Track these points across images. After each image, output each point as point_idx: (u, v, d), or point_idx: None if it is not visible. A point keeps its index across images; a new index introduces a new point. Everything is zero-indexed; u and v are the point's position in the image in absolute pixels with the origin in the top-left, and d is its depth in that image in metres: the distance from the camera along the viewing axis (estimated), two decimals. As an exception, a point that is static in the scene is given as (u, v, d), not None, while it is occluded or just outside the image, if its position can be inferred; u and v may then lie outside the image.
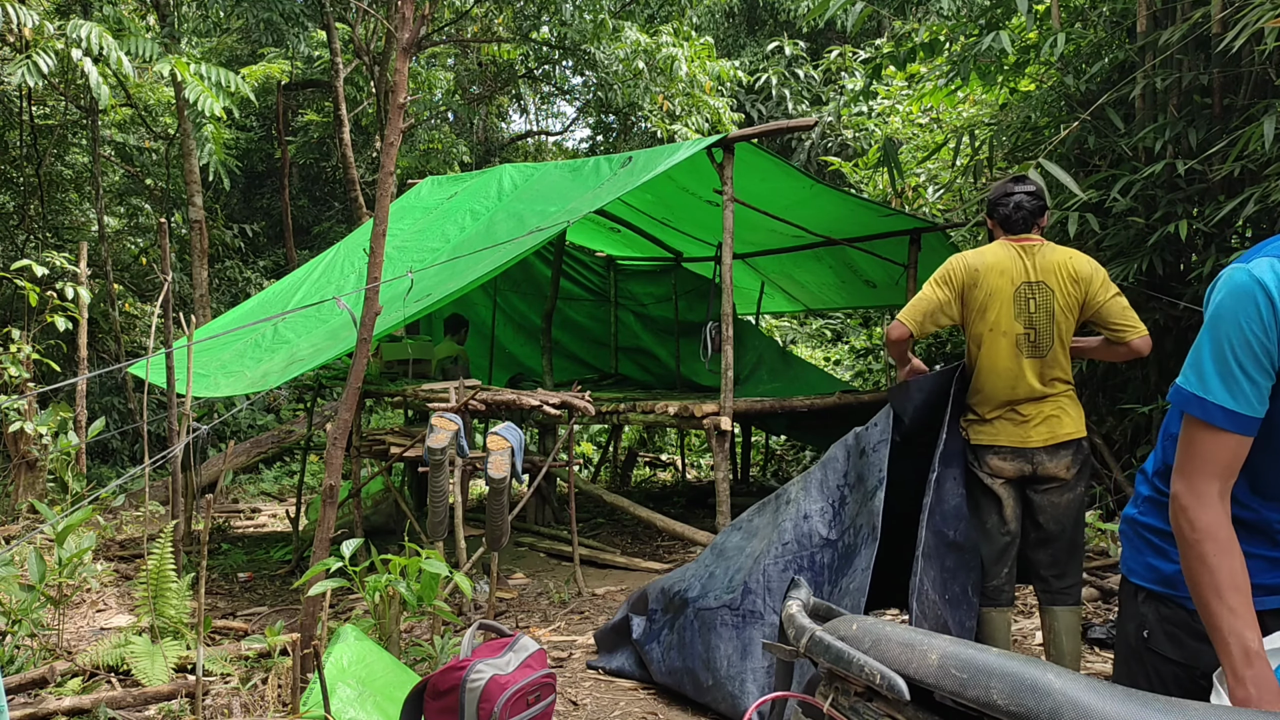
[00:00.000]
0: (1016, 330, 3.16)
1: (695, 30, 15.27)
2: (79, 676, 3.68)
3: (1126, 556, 1.86)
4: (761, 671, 3.31)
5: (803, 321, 13.22)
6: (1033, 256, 3.21)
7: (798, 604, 1.50)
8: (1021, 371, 3.16)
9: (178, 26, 10.86)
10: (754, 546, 3.64)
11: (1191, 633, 1.68)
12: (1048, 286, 3.17)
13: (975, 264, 3.21)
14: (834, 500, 3.49)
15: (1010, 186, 3.33)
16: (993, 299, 3.17)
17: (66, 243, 12.41)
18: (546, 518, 7.12)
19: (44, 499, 7.03)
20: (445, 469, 4.23)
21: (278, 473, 10.86)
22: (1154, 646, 1.74)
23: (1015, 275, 3.18)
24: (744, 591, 3.50)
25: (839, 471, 3.51)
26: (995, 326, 3.17)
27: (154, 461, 4.06)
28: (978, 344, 3.22)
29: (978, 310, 3.20)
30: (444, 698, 2.50)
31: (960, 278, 3.22)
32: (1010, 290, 3.17)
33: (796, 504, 3.56)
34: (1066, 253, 3.25)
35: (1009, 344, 3.16)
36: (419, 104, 15.90)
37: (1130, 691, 1.15)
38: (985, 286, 3.18)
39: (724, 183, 5.55)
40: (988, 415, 3.22)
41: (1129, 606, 1.83)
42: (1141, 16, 5.06)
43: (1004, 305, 3.17)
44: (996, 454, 3.19)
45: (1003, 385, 3.18)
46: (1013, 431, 3.17)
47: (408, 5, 3.47)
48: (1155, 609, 1.76)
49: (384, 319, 5.06)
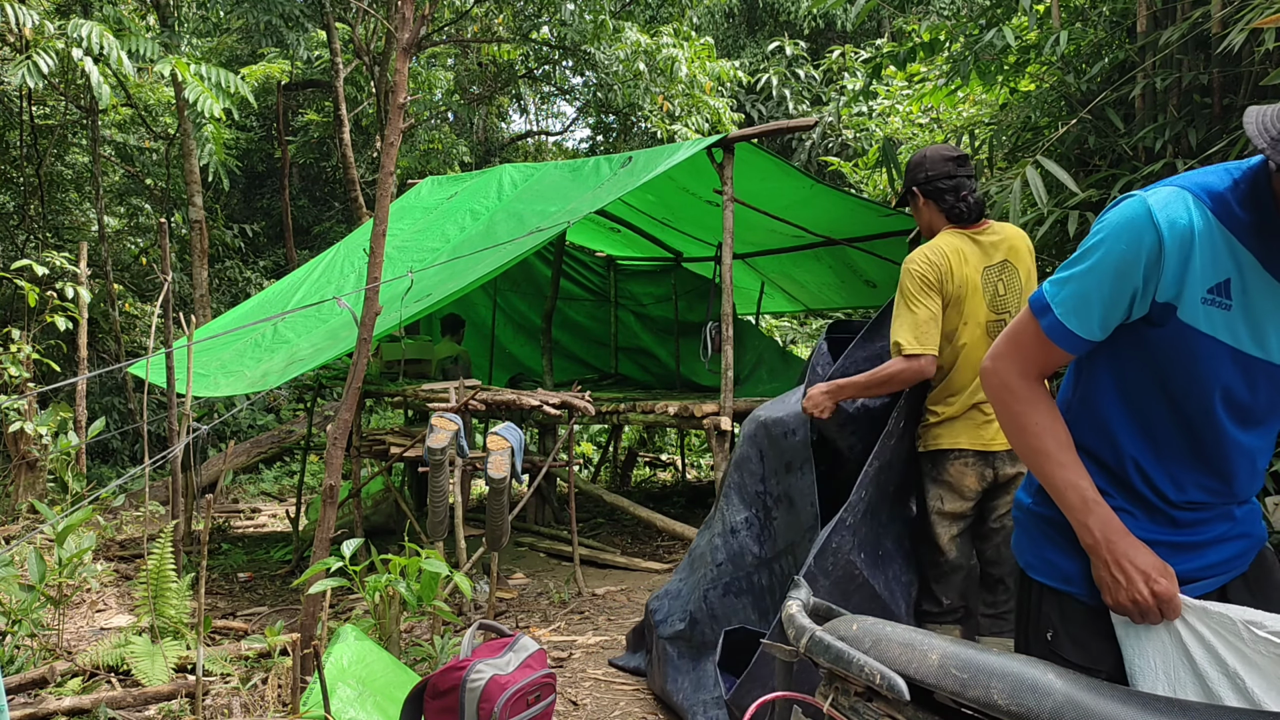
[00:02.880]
0: (989, 318, 2.93)
1: (695, 31, 15.27)
2: (79, 676, 3.68)
3: (1023, 548, 1.74)
4: (712, 703, 3.19)
5: (803, 321, 13.22)
6: (987, 237, 2.98)
7: (798, 604, 1.50)
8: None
9: (178, 27, 10.85)
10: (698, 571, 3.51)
11: (1096, 632, 1.60)
12: (1010, 265, 2.96)
13: (938, 260, 2.92)
14: (759, 510, 3.33)
15: (952, 167, 2.99)
16: (965, 289, 2.92)
17: (66, 243, 12.41)
18: (546, 518, 7.12)
19: (44, 499, 7.03)
20: (445, 469, 4.23)
21: (278, 473, 10.86)
22: (1058, 650, 1.63)
23: (977, 261, 2.94)
24: (691, 622, 3.41)
25: (756, 475, 3.34)
26: (971, 318, 2.92)
27: (154, 461, 4.06)
28: (949, 339, 2.94)
29: (953, 304, 2.93)
30: (444, 697, 2.50)
31: (935, 276, 2.91)
32: (978, 278, 2.93)
33: (723, 516, 3.41)
34: (1012, 228, 3.05)
35: (981, 334, 2.92)
36: (419, 104, 15.90)
37: (1130, 692, 1.15)
38: (956, 278, 2.91)
39: (724, 183, 5.55)
40: (949, 415, 2.94)
41: (1029, 606, 1.72)
42: (1141, 16, 5.06)
43: (976, 294, 2.92)
44: (959, 458, 2.91)
45: (972, 380, 2.91)
46: (975, 433, 2.90)
47: (408, 5, 3.47)
48: (1058, 608, 1.66)
49: (384, 319, 5.06)
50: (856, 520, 2.90)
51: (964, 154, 3.07)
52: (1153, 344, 1.52)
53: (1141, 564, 1.51)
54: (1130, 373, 1.58)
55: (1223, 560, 1.63)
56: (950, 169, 2.99)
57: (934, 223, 3.06)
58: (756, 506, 3.35)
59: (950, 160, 3.02)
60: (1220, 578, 1.63)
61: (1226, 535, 1.63)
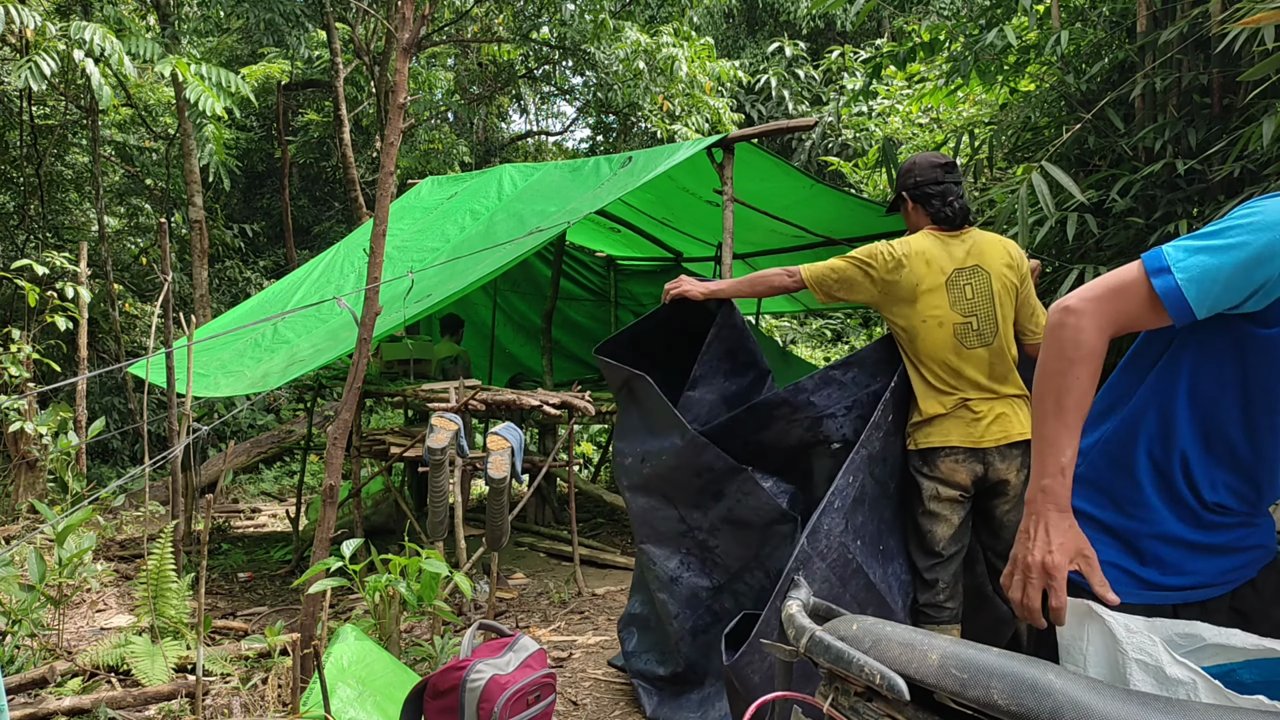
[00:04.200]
0: (956, 320, 2.96)
1: (695, 31, 15.27)
2: (79, 676, 3.68)
3: None
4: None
5: (803, 321, 13.23)
6: (961, 242, 3.03)
7: (798, 604, 1.50)
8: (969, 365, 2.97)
9: (178, 26, 10.85)
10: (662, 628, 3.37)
11: None
12: (981, 269, 3.00)
13: (898, 253, 2.98)
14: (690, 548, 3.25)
15: (939, 173, 3.08)
16: (920, 289, 2.96)
17: (66, 243, 12.42)
18: (546, 518, 7.12)
19: (44, 499, 7.03)
20: (445, 469, 4.23)
21: (278, 473, 10.86)
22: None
23: (945, 263, 2.99)
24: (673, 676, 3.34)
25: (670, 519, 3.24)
26: (932, 318, 2.96)
27: (154, 462, 4.06)
28: (911, 338, 3.00)
29: (905, 300, 2.98)
30: (444, 697, 2.50)
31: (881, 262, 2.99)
32: (942, 280, 2.97)
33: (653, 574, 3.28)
34: (988, 235, 3.10)
35: (949, 337, 2.96)
36: (419, 104, 15.90)
37: (1130, 691, 1.15)
38: (911, 275, 2.97)
39: (724, 183, 5.55)
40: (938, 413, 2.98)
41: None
42: (1141, 16, 5.06)
43: (936, 294, 2.96)
44: (949, 455, 2.95)
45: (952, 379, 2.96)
46: (965, 431, 2.94)
47: (408, 5, 3.47)
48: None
49: (384, 319, 5.06)
50: (847, 505, 2.88)
51: (952, 161, 3.16)
52: (1252, 344, 1.53)
53: (1059, 536, 1.55)
54: (1210, 368, 1.59)
55: (1236, 567, 1.66)
56: (938, 175, 3.08)
57: (921, 225, 3.14)
58: (686, 546, 3.26)
59: (938, 167, 3.11)
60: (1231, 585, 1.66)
61: (1242, 543, 1.65)
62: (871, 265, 3.01)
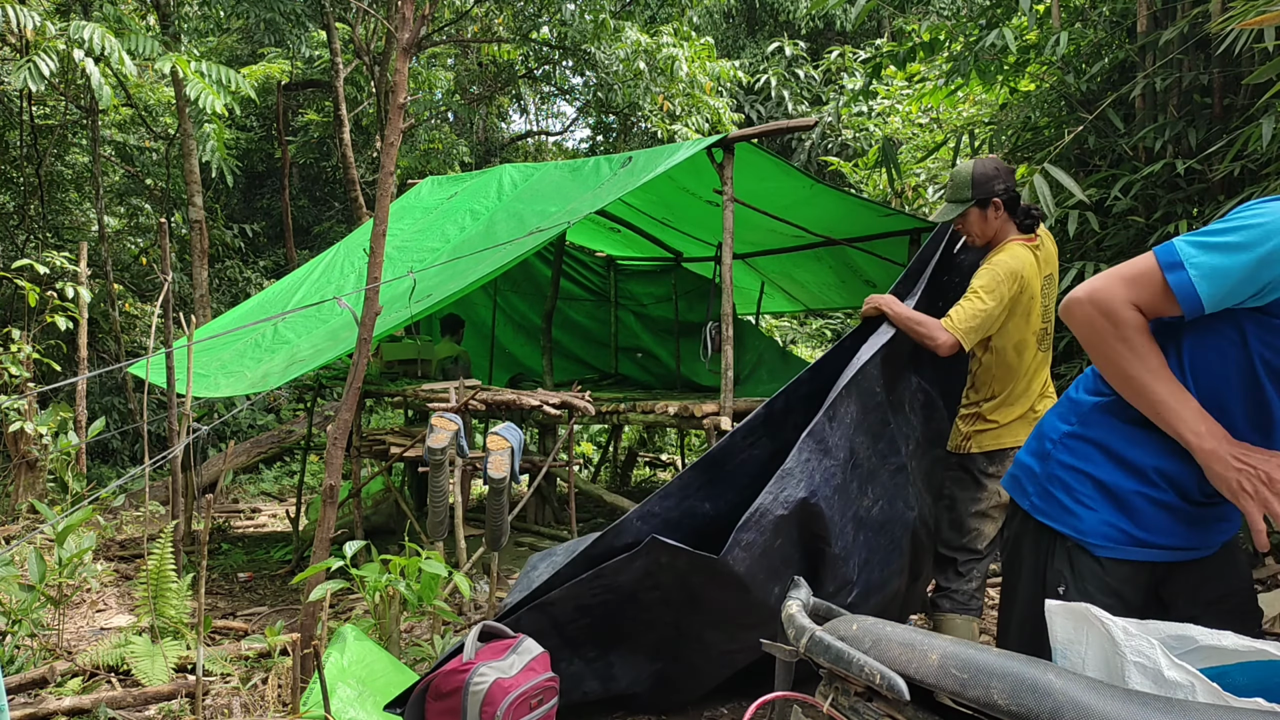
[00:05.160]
0: (1038, 327, 3.08)
1: (695, 31, 15.27)
2: (79, 676, 3.68)
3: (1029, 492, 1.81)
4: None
5: (803, 321, 13.22)
6: (1040, 249, 3.10)
7: (798, 604, 1.50)
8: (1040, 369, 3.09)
9: (178, 26, 10.85)
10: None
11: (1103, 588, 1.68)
12: (1052, 276, 3.12)
13: (1025, 269, 3.02)
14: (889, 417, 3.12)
15: (1014, 180, 3.16)
16: (1033, 301, 3.06)
17: (66, 243, 12.41)
18: (546, 518, 7.12)
19: (44, 499, 7.03)
20: (445, 469, 4.23)
21: (278, 473, 10.86)
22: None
23: (1036, 273, 3.07)
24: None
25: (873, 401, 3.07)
26: (1030, 329, 3.06)
27: (154, 462, 4.06)
28: (1019, 351, 3.05)
29: (1022, 314, 3.04)
30: (446, 699, 2.50)
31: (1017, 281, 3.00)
32: (1039, 290, 3.07)
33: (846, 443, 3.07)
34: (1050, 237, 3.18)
35: (1034, 343, 3.08)
36: (419, 104, 15.90)
37: (1130, 691, 1.15)
38: (1029, 290, 3.04)
39: (724, 183, 5.55)
40: (1012, 419, 3.07)
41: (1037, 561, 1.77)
42: (1141, 16, 5.06)
43: (1036, 305, 3.06)
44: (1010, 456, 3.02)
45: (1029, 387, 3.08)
46: (1026, 432, 3.03)
47: (408, 5, 3.47)
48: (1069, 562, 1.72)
49: (385, 319, 5.06)
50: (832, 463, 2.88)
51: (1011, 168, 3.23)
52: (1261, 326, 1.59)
53: (1256, 454, 1.58)
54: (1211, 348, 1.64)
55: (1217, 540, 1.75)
56: (1015, 181, 3.13)
57: (1002, 232, 3.10)
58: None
59: (1011, 173, 3.13)
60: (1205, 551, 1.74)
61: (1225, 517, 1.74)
62: (1008, 295, 2.97)
